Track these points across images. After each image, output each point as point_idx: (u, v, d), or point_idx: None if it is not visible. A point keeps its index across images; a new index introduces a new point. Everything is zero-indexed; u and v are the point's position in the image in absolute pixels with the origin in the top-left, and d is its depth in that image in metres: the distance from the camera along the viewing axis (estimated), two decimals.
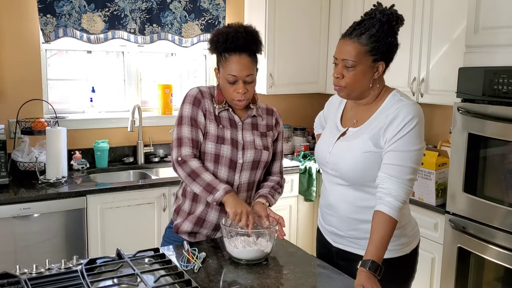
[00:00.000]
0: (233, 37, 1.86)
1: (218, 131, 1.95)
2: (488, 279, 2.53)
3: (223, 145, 1.93)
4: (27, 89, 3.25)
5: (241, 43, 1.86)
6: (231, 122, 1.98)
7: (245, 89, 1.89)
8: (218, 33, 1.91)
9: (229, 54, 1.87)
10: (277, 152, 2.12)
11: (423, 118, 1.71)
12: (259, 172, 2.03)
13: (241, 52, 1.87)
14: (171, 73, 3.87)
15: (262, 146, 2.00)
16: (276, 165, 2.13)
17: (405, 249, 1.81)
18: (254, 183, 2.03)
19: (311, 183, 3.60)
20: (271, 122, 2.07)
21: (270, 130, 2.06)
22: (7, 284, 1.49)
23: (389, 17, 1.69)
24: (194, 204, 2.01)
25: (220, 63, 1.92)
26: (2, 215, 2.68)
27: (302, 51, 3.83)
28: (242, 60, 1.87)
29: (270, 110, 2.11)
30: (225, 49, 1.88)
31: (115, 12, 3.36)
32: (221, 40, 1.87)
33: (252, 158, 1.97)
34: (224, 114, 1.98)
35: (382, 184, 1.65)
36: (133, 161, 3.60)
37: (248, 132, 2.00)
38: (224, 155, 1.93)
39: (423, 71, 3.10)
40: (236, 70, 1.87)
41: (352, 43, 1.69)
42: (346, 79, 1.72)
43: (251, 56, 1.89)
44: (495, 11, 2.42)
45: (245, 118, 2.01)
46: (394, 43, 1.72)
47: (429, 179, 2.77)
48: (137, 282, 1.56)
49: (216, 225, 2.01)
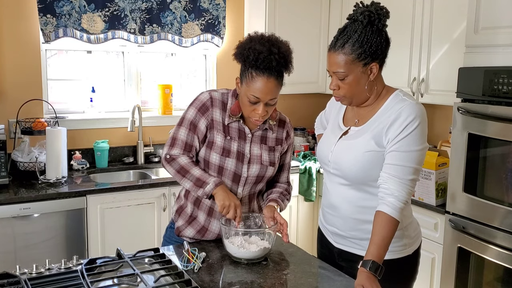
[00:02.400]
0: (265, 58, 1.74)
1: (225, 142, 1.89)
2: (488, 279, 2.53)
3: (228, 158, 1.88)
4: (27, 89, 3.25)
5: (272, 66, 1.75)
6: (240, 134, 1.92)
7: (265, 111, 1.81)
8: (249, 47, 1.76)
9: (256, 74, 1.76)
10: (285, 164, 2.08)
11: (426, 118, 1.70)
12: (262, 184, 2.00)
13: (270, 75, 1.76)
14: (171, 73, 3.87)
15: (269, 161, 1.95)
16: (283, 176, 2.09)
17: (407, 250, 1.80)
18: (255, 194, 2.02)
19: (311, 183, 3.60)
20: (281, 135, 2.00)
21: (279, 144, 1.99)
22: (7, 284, 1.49)
23: (370, 17, 1.65)
24: (195, 209, 1.99)
25: (245, 77, 1.80)
26: (2, 215, 2.68)
27: (302, 51, 3.82)
28: (269, 84, 1.76)
29: (282, 121, 2.02)
30: (253, 66, 1.76)
31: (115, 12, 3.36)
32: (252, 58, 1.75)
33: (257, 173, 1.93)
34: (234, 124, 1.92)
35: (384, 184, 1.65)
36: (133, 161, 3.60)
37: (256, 145, 1.94)
38: (228, 168, 1.90)
39: (423, 71, 3.10)
40: (261, 92, 1.77)
41: (337, 55, 1.67)
42: (343, 90, 1.72)
43: (278, 79, 1.79)
44: (495, 11, 2.42)
45: (256, 130, 1.94)
46: (382, 40, 1.67)
47: (429, 179, 2.77)
48: (137, 282, 1.56)
49: (218, 235, 1.97)
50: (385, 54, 1.71)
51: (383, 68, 1.74)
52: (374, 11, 1.65)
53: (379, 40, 1.66)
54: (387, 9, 1.69)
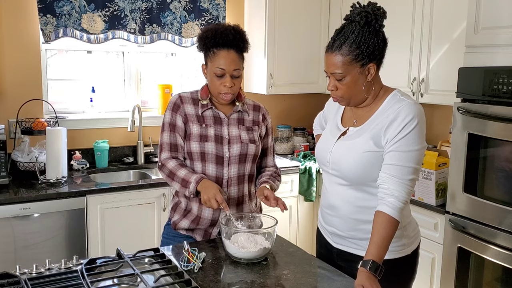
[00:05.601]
0: (221, 33, 1.95)
1: (201, 130, 2.02)
2: (488, 279, 2.53)
3: (206, 142, 2.01)
4: (27, 89, 3.25)
5: (230, 39, 1.95)
6: (215, 120, 2.05)
7: (231, 83, 1.97)
8: (206, 30, 2.01)
9: (217, 49, 1.96)
10: (268, 147, 2.20)
11: (424, 118, 1.70)
12: (248, 165, 2.08)
13: (230, 47, 1.96)
14: (171, 73, 3.87)
15: (248, 139, 2.06)
16: (269, 159, 2.21)
17: (405, 250, 1.80)
18: (244, 176, 2.08)
19: (311, 183, 3.60)
20: (257, 118, 2.14)
21: (256, 125, 2.13)
22: (7, 284, 1.49)
23: (367, 17, 1.64)
24: (188, 202, 2.08)
25: (208, 58, 1.99)
26: (2, 215, 2.68)
27: (302, 51, 3.83)
28: (230, 55, 1.95)
29: (257, 106, 2.18)
30: (213, 44, 1.96)
31: (115, 12, 3.36)
32: (210, 36, 1.96)
33: (239, 152, 2.03)
34: (208, 113, 2.06)
35: (384, 185, 1.65)
36: (133, 161, 3.60)
37: (234, 127, 2.07)
38: (210, 152, 2.00)
39: (423, 71, 3.10)
40: (225, 64, 1.95)
41: (334, 56, 1.68)
42: (340, 91, 1.72)
43: (238, 53, 1.98)
44: (495, 11, 2.42)
45: (231, 114, 2.08)
46: (379, 41, 1.67)
47: (429, 179, 2.77)
48: (137, 282, 1.56)
49: (212, 221, 2.06)
50: (383, 55, 1.72)
51: (380, 68, 1.75)
52: (371, 12, 1.65)
53: (376, 40, 1.66)
54: (384, 9, 1.69)
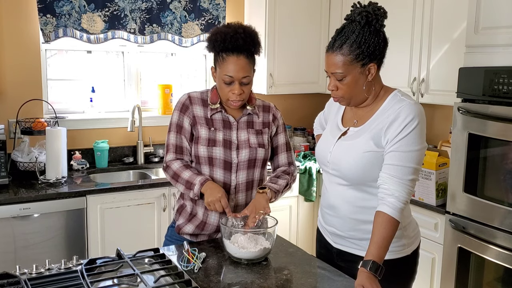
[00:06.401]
0: (231, 37, 1.84)
1: (210, 134, 1.95)
2: (488, 279, 2.53)
3: (214, 147, 1.94)
4: (27, 89, 3.25)
5: (240, 44, 1.85)
6: (224, 124, 1.97)
7: (240, 90, 1.88)
8: (216, 32, 1.90)
9: (226, 55, 1.86)
10: (279, 145, 2.10)
11: (425, 118, 1.70)
12: (257, 170, 2.02)
13: (239, 53, 1.85)
14: (171, 73, 3.87)
15: (257, 144, 1.99)
16: (281, 158, 2.10)
17: (405, 250, 1.80)
18: (253, 182, 2.02)
19: (311, 183, 3.60)
20: (267, 119, 2.06)
21: (266, 127, 2.04)
22: (7, 284, 1.49)
23: (367, 17, 1.64)
24: (194, 206, 2.03)
25: (217, 62, 1.90)
26: (2, 215, 2.68)
27: (302, 51, 3.83)
28: (239, 61, 1.85)
29: (266, 106, 2.09)
30: (222, 49, 1.86)
31: (115, 12, 3.36)
32: (219, 40, 1.86)
33: (247, 157, 1.97)
34: (217, 116, 1.98)
35: (384, 185, 1.65)
36: (133, 161, 3.60)
37: (243, 131, 1.99)
38: (217, 157, 1.94)
39: (423, 71, 3.10)
40: (233, 71, 1.85)
41: (335, 55, 1.67)
42: (341, 91, 1.72)
43: (248, 58, 1.88)
44: (495, 11, 2.42)
45: (240, 117, 2.00)
46: (380, 41, 1.67)
47: (429, 179, 2.77)
48: (137, 282, 1.56)
49: (217, 227, 2.02)
50: (383, 55, 1.71)
51: (381, 68, 1.75)
52: (372, 12, 1.65)
53: (377, 40, 1.66)
54: (385, 9, 1.69)
